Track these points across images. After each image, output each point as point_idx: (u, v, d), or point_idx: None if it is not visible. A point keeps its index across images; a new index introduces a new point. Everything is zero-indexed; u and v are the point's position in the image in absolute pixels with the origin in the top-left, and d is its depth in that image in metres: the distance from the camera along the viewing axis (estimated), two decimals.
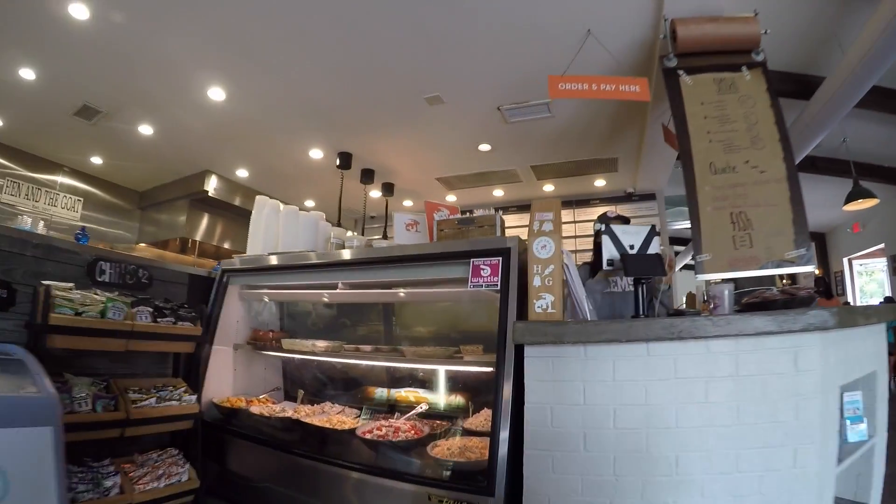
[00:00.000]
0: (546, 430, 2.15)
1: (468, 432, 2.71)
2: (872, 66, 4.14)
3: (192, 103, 5.60)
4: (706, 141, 3.38)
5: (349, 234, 3.80)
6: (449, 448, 2.51)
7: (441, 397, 3.15)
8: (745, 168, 3.24)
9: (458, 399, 3.04)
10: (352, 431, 2.81)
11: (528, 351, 2.17)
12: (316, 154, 6.94)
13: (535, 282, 2.27)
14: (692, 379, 2.11)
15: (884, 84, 5.32)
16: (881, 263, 10.62)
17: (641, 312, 2.50)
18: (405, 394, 3.28)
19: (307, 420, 2.99)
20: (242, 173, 7.80)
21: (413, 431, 2.76)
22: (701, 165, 3.31)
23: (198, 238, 8.44)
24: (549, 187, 8.20)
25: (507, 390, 2.25)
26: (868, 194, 6.59)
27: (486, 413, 2.77)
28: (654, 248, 2.60)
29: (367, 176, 7.39)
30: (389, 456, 2.65)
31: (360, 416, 3.16)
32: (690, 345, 2.10)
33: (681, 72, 3.64)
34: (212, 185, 7.85)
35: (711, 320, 2.11)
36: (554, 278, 2.27)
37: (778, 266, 3.06)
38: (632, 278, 2.55)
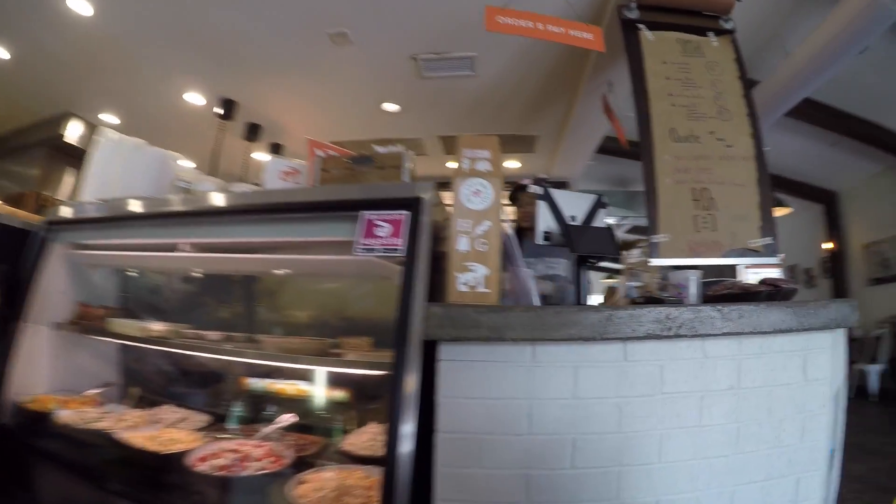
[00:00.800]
0: (471, 473, 1.36)
1: (348, 457, 1.88)
2: (809, 78, 4.38)
3: (54, 18, 4.38)
4: (668, 103, 2.94)
5: (205, 178, 2.78)
6: (320, 490, 1.65)
7: (319, 402, 2.26)
8: (710, 139, 2.87)
9: (340, 406, 2.18)
10: (180, 456, 1.87)
11: (444, 351, 1.35)
12: (195, 99, 5.75)
13: (461, 244, 1.49)
14: (683, 394, 1.54)
15: (815, 97, 5.48)
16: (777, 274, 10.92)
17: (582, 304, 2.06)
18: (282, 387, 2.35)
19: (122, 435, 2.01)
20: (110, 119, 6.45)
21: (269, 459, 1.86)
22: (661, 130, 2.86)
23: (58, 195, 6.91)
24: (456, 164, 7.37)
25: (410, 415, 1.43)
26: (780, 203, 6.54)
27: (375, 429, 1.97)
28: (598, 223, 2.11)
29: (253, 132, 6.24)
30: (231, 500, 1.75)
31: (208, 426, 2.22)
32: (683, 346, 1.51)
33: (642, 25, 3.21)
34: (73, 131, 6.44)
35: (720, 311, 1.50)
36: (490, 241, 1.49)
37: (742, 255, 2.70)
38: (556, 261, 1.90)
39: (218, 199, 2.04)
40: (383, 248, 1.51)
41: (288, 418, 2.11)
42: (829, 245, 8.81)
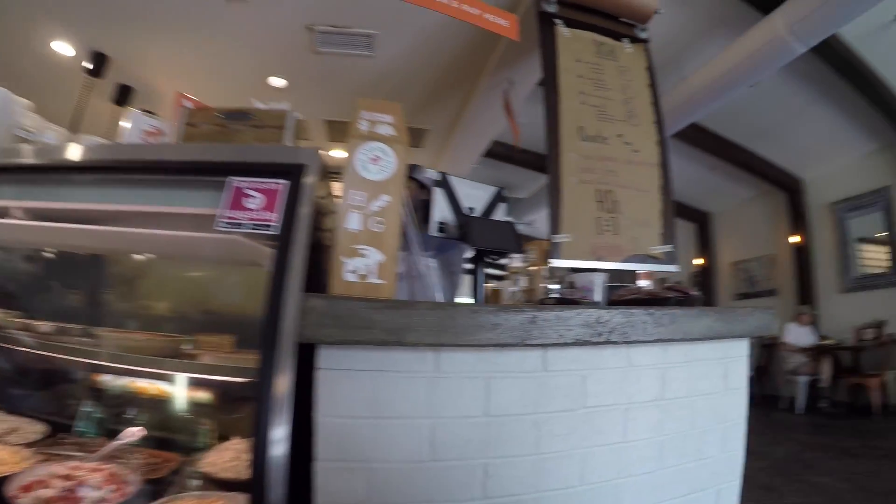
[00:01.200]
0: None
1: (209, 480, 1.53)
2: (701, 104, 4.64)
3: None
4: (577, 101, 2.85)
5: (49, 127, 2.23)
6: None
7: (176, 409, 1.86)
8: (617, 142, 2.80)
9: (201, 413, 1.79)
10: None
11: (324, 357, 1.04)
12: (63, 49, 4.92)
13: (352, 222, 1.19)
14: (607, 408, 1.36)
15: (701, 123, 5.85)
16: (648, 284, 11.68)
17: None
18: (138, 388, 1.91)
19: None
20: None
21: (111, 487, 1.46)
22: (569, 127, 2.75)
23: None
24: (341, 153, 6.82)
25: (279, 432, 1.12)
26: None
27: (240, 445, 1.63)
28: (498, 217, 1.94)
29: (124, 94, 5.44)
30: None
31: (43, 438, 1.75)
32: (607, 354, 1.33)
33: (559, 21, 3.10)
34: None
35: (652, 315, 1.32)
36: (388, 220, 1.21)
37: (642, 261, 2.62)
38: (445, 256, 1.71)
39: (53, 154, 1.59)
40: (252, 224, 1.18)
41: (135, 432, 1.71)
42: (700, 261, 9.48)
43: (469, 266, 1.87)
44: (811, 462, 3.82)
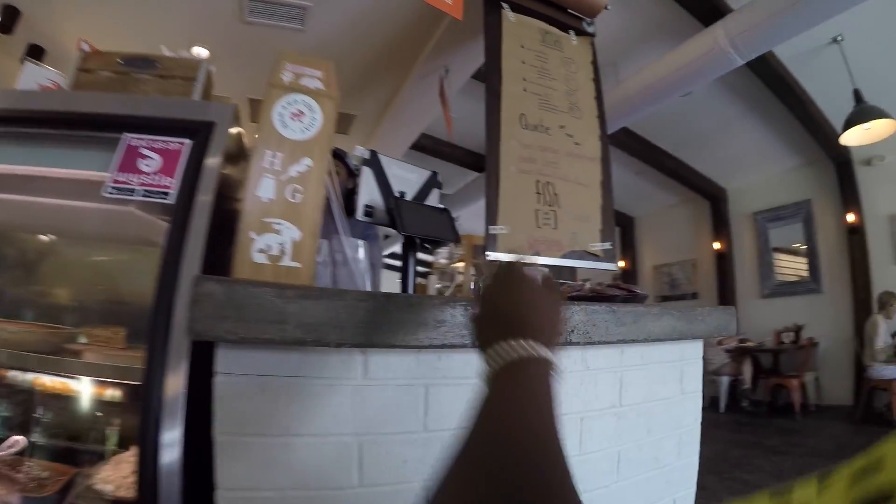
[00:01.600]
0: None
1: (102, 500, 1.26)
2: (635, 108, 4.67)
3: None
4: (520, 87, 2.75)
5: None
6: None
7: (70, 413, 1.55)
8: (559, 133, 2.70)
9: (97, 419, 1.50)
10: None
11: (223, 360, 0.80)
12: None
13: (264, 189, 0.97)
14: (564, 417, 1.09)
15: (631, 127, 6.01)
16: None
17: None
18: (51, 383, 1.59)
19: None
20: None
21: None
22: (510, 113, 2.65)
23: None
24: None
25: (172, 455, 0.89)
26: None
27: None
28: (432, 203, 1.83)
29: (35, 55, 4.91)
30: None
31: None
32: (562, 356, 1.08)
33: (505, 4, 2.96)
34: None
35: (614, 313, 1.18)
36: (309, 189, 1.00)
37: (581, 258, 2.53)
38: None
39: None
40: (145, 190, 0.94)
41: (17, 441, 1.42)
42: (622, 264, 9.73)
43: (387, 258, 1.68)
44: (739, 460, 3.91)
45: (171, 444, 0.89)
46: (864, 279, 5.98)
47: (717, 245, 7.76)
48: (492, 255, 2.23)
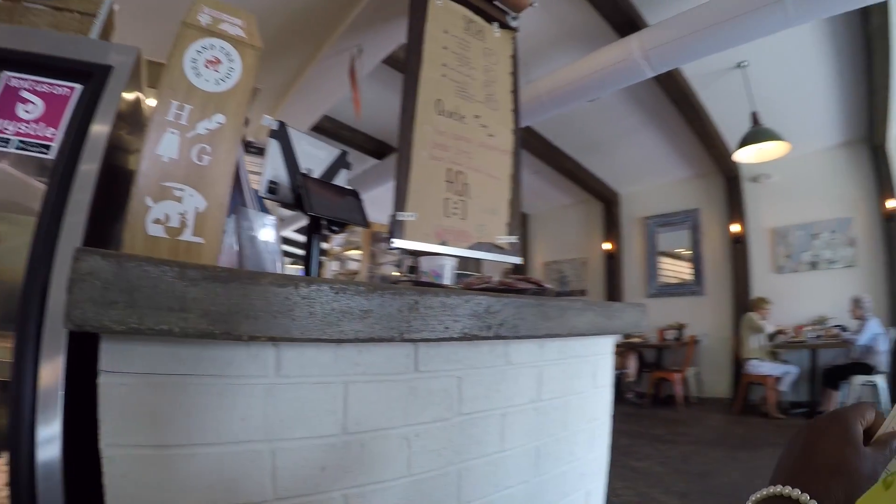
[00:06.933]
0: None
1: None
2: (542, 107, 4.80)
3: None
4: (439, 73, 2.72)
5: None
6: None
7: None
8: (474, 123, 2.71)
9: None
10: None
11: (109, 356, 0.66)
12: None
13: (165, 147, 0.81)
14: (484, 414, 1.18)
15: (534, 126, 6.20)
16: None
17: None
18: None
19: None
20: None
21: None
22: (426, 98, 2.61)
23: None
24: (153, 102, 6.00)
25: (50, 452, 0.74)
26: None
27: None
28: (340, 183, 1.74)
29: None
30: None
31: None
32: (485, 351, 1.16)
33: None
34: None
35: (542, 307, 1.17)
36: (219, 151, 0.86)
37: (488, 250, 2.55)
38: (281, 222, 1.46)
39: None
40: (21, 141, 0.77)
41: None
42: None
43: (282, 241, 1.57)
44: (628, 449, 4.13)
45: (50, 440, 0.73)
46: (744, 285, 6.58)
47: (607, 246, 8.17)
48: (398, 243, 2.17)
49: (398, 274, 2.21)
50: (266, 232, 1.06)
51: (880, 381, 4.86)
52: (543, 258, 9.34)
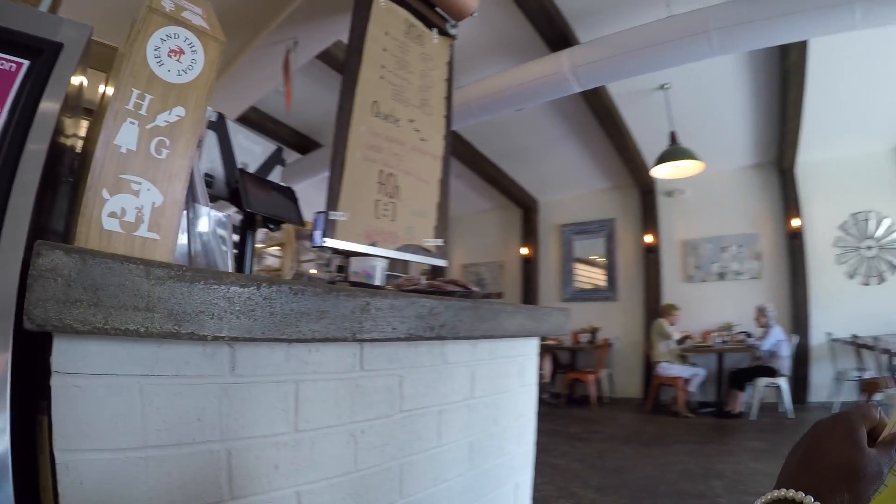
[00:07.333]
0: None
1: None
2: (470, 113, 4.86)
3: None
4: (377, 75, 2.76)
5: None
6: None
7: None
8: (408, 126, 2.76)
9: None
10: None
11: (66, 356, 0.64)
12: None
13: (124, 137, 0.79)
14: (423, 411, 1.24)
15: (460, 131, 6.24)
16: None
17: None
18: None
19: None
20: None
21: None
22: (363, 98, 2.64)
23: None
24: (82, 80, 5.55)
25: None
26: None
27: None
28: (275, 180, 1.75)
29: None
30: None
31: None
32: (423, 351, 1.21)
33: None
34: None
35: (476, 311, 1.25)
36: (177, 145, 0.85)
37: (415, 252, 2.63)
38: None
39: None
40: None
41: None
42: None
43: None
44: (545, 447, 4.29)
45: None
46: (655, 292, 7.05)
47: (524, 251, 8.47)
48: (330, 242, 2.18)
49: (334, 275, 2.21)
50: (217, 227, 1.05)
51: (783, 383, 5.35)
52: (461, 260, 9.49)
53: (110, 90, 0.91)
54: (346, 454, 0.96)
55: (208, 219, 1.02)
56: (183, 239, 0.92)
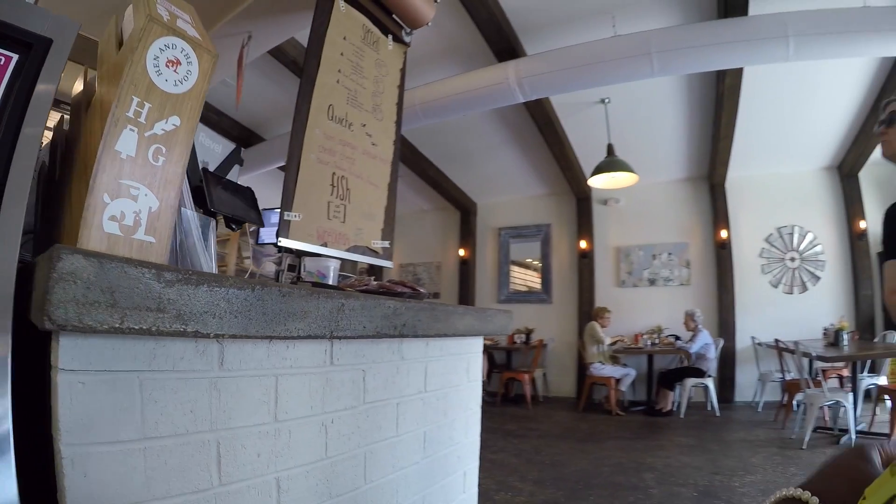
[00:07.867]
0: None
1: None
2: (414, 116, 4.88)
3: None
4: (333, 79, 2.81)
5: None
6: None
7: None
8: (360, 131, 2.83)
9: None
10: None
11: (70, 353, 0.68)
12: None
13: (124, 144, 0.83)
14: (383, 403, 1.34)
15: (404, 133, 6.23)
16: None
17: None
18: None
19: None
20: None
21: None
22: (319, 102, 2.69)
23: None
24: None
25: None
26: None
27: None
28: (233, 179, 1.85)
29: None
30: None
31: None
32: (384, 348, 1.32)
33: None
34: None
35: (433, 312, 1.39)
36: (173, 153, 0.90)
37: (363, 253, 2.71)
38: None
39: None
40: None
41: None
42: None
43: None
44: (483, 443, 4.36)
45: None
46: (588, 295, 7.37)
47: (462, 252, 8.63)
48: (284, 242, 2.22)
49: (287, 274, 2.23)
50: (201, 230, 1.10)
51: (710, 383, 5.76)
52: (400, 259, 9.51)
53: (101, 89, 0.94)
54: (319, 442, 1.05)
55: (195, 222, 1.06)
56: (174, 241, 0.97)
